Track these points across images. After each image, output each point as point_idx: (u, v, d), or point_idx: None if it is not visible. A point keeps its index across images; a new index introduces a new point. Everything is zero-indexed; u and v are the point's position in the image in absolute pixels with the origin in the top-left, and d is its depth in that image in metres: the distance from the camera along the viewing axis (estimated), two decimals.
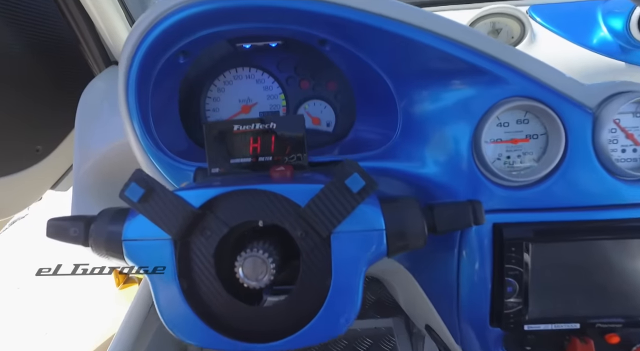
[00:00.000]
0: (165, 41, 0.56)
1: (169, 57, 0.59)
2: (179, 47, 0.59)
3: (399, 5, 0.53)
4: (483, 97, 0.54)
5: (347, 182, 0.42)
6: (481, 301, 0.57)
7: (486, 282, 0.56)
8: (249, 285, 0.43)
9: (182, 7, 0.53)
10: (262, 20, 0.56)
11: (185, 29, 0.56)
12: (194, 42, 0.59)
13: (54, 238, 0.50)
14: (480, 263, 0.56)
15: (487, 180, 0.55)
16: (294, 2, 0.52)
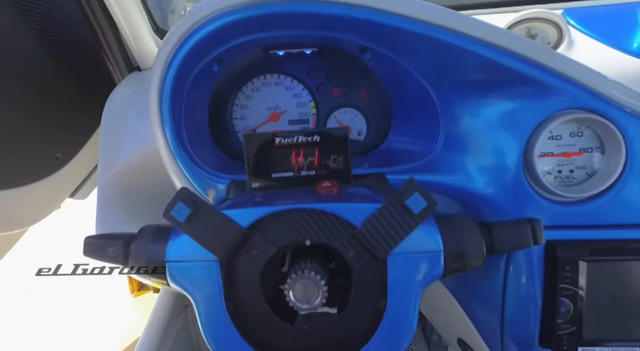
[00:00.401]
0: (201, 49, 0.53)
1: (203, 65, 0.57)
2: (214, 55, 0.56)
3: (445, 12, 0.51)
4: (535, 108, 0.52)
5: (407, 202, 0.40)
6: (529, 319, 0.55)
7: (536, 300, 0.53)
8: (300, 308, 0.41)
9: (221, 15, 0.51)
10: (303, 28, 0.54)
11: (222, 37, 0.54)
12: (229, 50, 0.57)
13: (90, 257, 0.47)
14: (529, 280, 0.53)
15: (538, 196, 0.53)
16: (341, 8, 0.50)
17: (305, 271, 0.41)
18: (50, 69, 0.83)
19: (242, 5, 0.50)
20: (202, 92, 0.63)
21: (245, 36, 0.56)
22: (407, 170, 0.60)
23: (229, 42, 0.56)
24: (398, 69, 0.59)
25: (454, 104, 0.58)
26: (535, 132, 0.52)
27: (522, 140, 0.52)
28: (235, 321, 0.43)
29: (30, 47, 0.76)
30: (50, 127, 0.87)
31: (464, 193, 0.57)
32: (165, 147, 0.56)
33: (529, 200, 0.53)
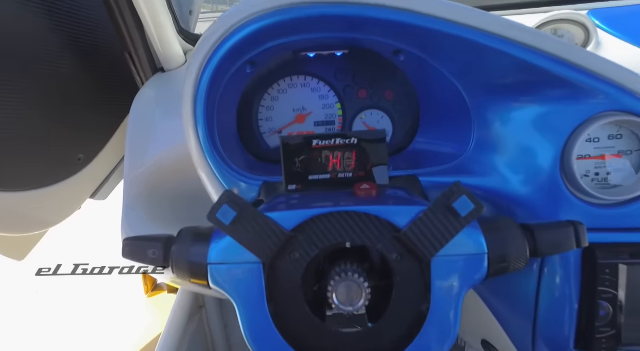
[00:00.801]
0: (236, 52, 0.53)
1: (237, 67, 0.57)
2: (248, 57, 0.56)
3: (480, 14, 0.51)
4: (572, 111, 0.52)
5: (454, 205, 0.39)
6: (564, 322, 0.54)
7: (572, 303, 0.53)
8: (344, 311, 0.41)
9: (257, 18, 0.51)
10: (338, 31, 0.54)
11: (257, 40, 0.54)
12: (263, 52, 0.57)
13: (129, 259, 0.47)
14: (565, 283, 0.53)
15: (575, 198, 0.53)
16: (377, 11, 0.50)
17: (349, 273, 0.41)
18: (74, 70, 0.83)
19: (279, 8, 0.50)
20: (233, 93, 0.63)
21: (280, 39, 0.56)
22: (438, 172, 0.60)
23: (263, 45, 0.56)
24: (430, 70, 0.59)
25: (487, 107, 0.57)
26: (573, 135, 0.51)
27: (559, 144, 0.52)
28: (276, 323, 0.43)
29: (54, 49, 0.76)
30: (74, 128, 0.87)
31: (497, 195, 0.56)
32: (197, 147, 0.56)
33: (566, 203, 0.53)
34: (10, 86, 0.72)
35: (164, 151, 0.71)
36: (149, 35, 0.75)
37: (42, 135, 0.81)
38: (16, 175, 0.77)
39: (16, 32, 0.70)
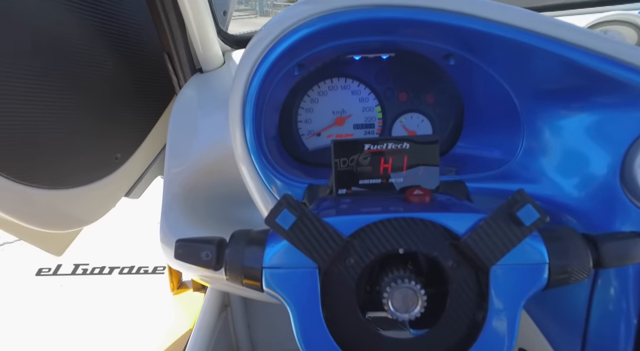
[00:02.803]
0: (287, 55, 0.53)
1: (287, 70, 0.57)
2: (298, 60, 0.56)
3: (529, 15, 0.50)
4: (633, 118, 0.50)
5: (518, 213, 0.38)
6: (619, 337, 0.52)
7: (629, 318, 0.51)
8: (399, 318, 0.41)
9: (310, 22, 0.50)
10: (389, 34, 0.54)
11: (308, 43, 0.54)
12: (312, 55, 0.57)
13: (182, 260, 0.48)
14: (622, 296, 0.51)
15: (636, 207, 0.51)
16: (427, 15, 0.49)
17: (406, 280, 0.41)
18: (114, 71, 0.85)
19: (330, 12, 0.50)
20: (279, 95, 0.64)
21: (330, 42, 0.56)
22: (484, 178, 0.59)
23: (313, 48, 0.56)
24: (480, 74, 0.58)
25: (539, 112, 0.56)
26: (635, 144, 0.50)
27: (619, 152, 0.50)
28: (330, 328, 0.42)
29: (94, 50, 0.78)
30: (112, 128, 0.89)
31: (547, 202, 0.55)
32: (242, 148, 0.56)
33: (625, 212, 0.51)
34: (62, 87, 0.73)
35: (204, 151, 0.71)
36: (190, 36, 0.76)
37: (86, 134, 0.82)
38: (59, 174, 0.78)
39: (64, 35, 0.72)
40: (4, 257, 2.25)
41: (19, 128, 0.68)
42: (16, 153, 0.68)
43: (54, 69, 0.73)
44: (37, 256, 1.97)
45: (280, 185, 0.60)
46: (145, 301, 1.65)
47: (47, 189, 0.77)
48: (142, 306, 1.62)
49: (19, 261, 2.09)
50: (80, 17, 0.74)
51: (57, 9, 0.71)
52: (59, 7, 0.71)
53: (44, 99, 0.71)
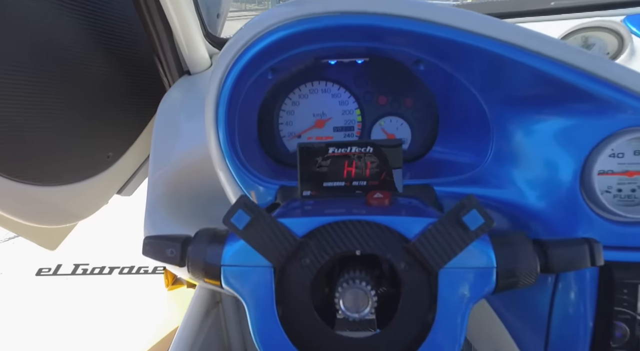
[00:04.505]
0: (259, 59, 0.55)
1: (260, 74, 0.58)
2: (271, 64, 0.58)
3: (502, 25, 0.50)
4: (595, 125, 0.50)
5: (464, 219, 0.39)
6: (577, 340, 0.53)
7: (586, 321, 0.52)
8: (350, 317, 0.42)
9: (281, 27, 0.52)
10: (359, 40, 0.55)
11: (280, 48, 0.55)
12: (285, 60, 0.58)
13: (149, 257, 0.50)
14: (580, 300, 0.52)
15: (594, 214, 0.51)
16: (397, 22, 0.50)
17: (357, 281, 0.42)
18: (106, 72, 0.87)
19: (302, 18, 0.51)
20: (255, 98, 0.65)
21: (302, 47, 0.57)
22: (454, 182, 0.60)
23: (286, 53, 0.57)
24: (451, 81, 0.59)
25: (507, 119, 0.57)
26: (595, 149, 0.50)
27: (580, 158, 0.51)
28: (284, 325, 0.44)
29: (86, 50, 0.80)
30: (104, 127, 0.91)
31: (513, 207, 0.56)
32: (217, 149, 0.58)
33: (584, 219, 0.52)
34: (52, 87, 0.76)
35: (187, 152, 0.73)
36: (176, 39, 0.78)
37: (77, 134, 0.85)
38: (52, 171, 0.81)
39: (56, 35, 0.74)
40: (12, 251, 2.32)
41: (10, 128, 0.70)
42: (9, 151, 0.71)
43: (46, 70, 0.75)
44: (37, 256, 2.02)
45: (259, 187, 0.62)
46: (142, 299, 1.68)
47: (41, 186, 0.79)
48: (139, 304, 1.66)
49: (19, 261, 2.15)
50: (71, 17, 0.76)
51: (49, 9, 0.73)
52: (50, 8, 0.73)
53: (35, 99, 0.74)
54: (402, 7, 0.50)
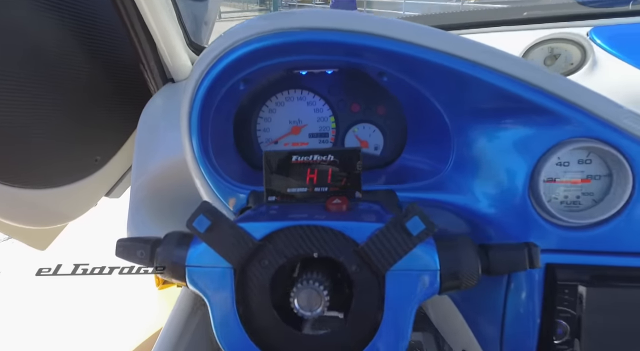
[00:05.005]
0: (230, 70, 0.58)
1: (231, 84, 0.61)
2: (242, 75, 0.61)
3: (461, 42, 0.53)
4: (544, 136, 0.54)
5: (407, 225, 0.43)
6: (527, 337, 0.56)
7: (534, 319, 0.55)
8: (303, 315, 0.45)
9: (250, 41, 0.55)
10: (324, 53, 0.58)
11: (250, 60, 0.58)
12: (256, 71, 0.61)
13: (121, 257, 0.53)
14: (529, 299, 0.55)
15: (542, 219, 0.54)
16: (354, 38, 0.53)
17: (310, 281, 0.45)
18: (94, 78, 0.90)
19: (270, 33, 0.54)
20: (229, 108, 0.68)
21: (272, 60, 0.60)
22: (417, 188, 0.63)
23: (256, 65, 0.60)
24: (414, 92, 0.62)
25: (467, 129, 0.60)
26: (543, 158, 0.53)
27: (529, 166, 0.54)
28: (245, 324, 0.47)
29: (75, 56, 0.83)
30: (92, 132, 0.94)
31: (470, 213, 0.59)
32: (191, 156, 0.62)
33: (533, 224, 0.55)
34: (41, 93, 0.79)
35: (167, 159, 0.76)
36: (158, 48, 0.81)
37: (65, 138, 0.88)
38: (42, 174, 0.84)
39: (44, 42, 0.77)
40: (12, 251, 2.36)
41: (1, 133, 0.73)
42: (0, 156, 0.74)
43: (35, 76, 0.78)
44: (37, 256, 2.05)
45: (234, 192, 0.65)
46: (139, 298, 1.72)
47: (30, 189, 0.83)
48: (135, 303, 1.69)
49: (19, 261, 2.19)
50: (59, 23, 0.79)
51: (37, 16, 0.76)
52: (38, 14, 0.76)
53: (24, 105, 0.77)
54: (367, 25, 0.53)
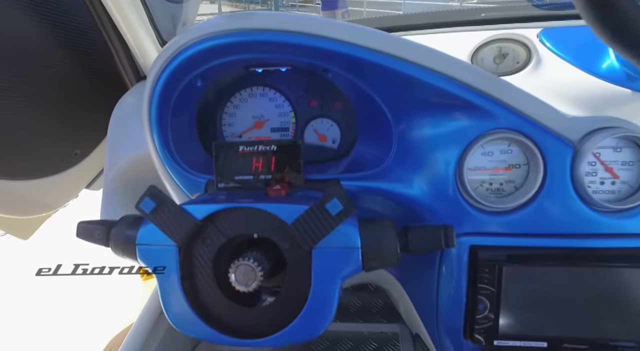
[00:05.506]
0: (185, 67, 0.63)
1: (188, 81, 0.66)
2: (198, 72, 0.66)
3: (396, 42, 0.58)
4: (472, 128, 0.59)
5: (327, 206, 0.47)
6: (457, 315, 0.61)
7: (461, 298, 0.60)
8: (240, 289, 0.50)
9: (200, 41, 0.60)
10: (270, 52, 0.63)
11: (203, 58, 0.63)
12: (211, 68, 0.66)
13: (82, 239, 0.58)
14: (457, 280, 0.60)
15: (468, 205, 0.59)
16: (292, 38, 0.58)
17: (247, 258, 0.50)
18: (73, 76, 0.95)
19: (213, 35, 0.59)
20: (189, 103, 0.73)
21: (225, 57, 0.65)
22: (361, 178, 0.68)
23: (210, 62, 0.65)
24: (355, 88, 0.66)
25: (405, 123, 0.64)
26: (468, 147, 0.58)
27: (457, 156, 0.59)
28: (190, 298, 0.52)
29: (53, 53, 0.87)
30: (71, 127, 0.99)
31: (407, 199, 0.64)
32: (153, 148, 0.67)
33: (461, 209, 0.60)
34: (18, 87, 0.84)
35: (136, 153, 0.81)
36: (130, 47, 0.86)
37: (44, 132, 0.93)
38: (22, 166, 0.89)
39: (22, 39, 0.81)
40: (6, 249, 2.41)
41: None
42: None
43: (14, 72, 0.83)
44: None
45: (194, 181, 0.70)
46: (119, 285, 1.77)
47: (11, 180, 0.88)
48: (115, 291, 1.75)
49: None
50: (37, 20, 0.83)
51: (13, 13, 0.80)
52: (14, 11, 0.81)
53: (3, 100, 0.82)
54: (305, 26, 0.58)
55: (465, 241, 0.59)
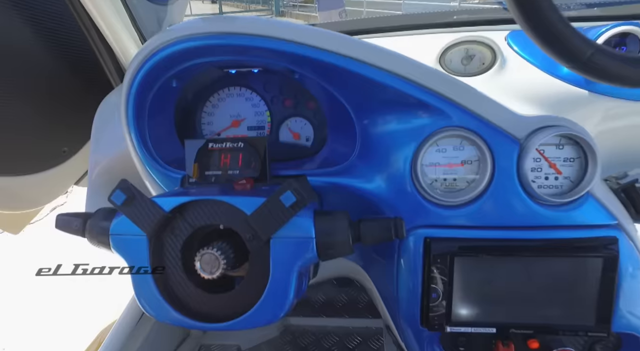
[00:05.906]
0: (160, 68, 0.66)
1: (163, 81, 0.70)
2: (172, 73, 0.69)
3: (355, 44, 0.62)
4: (426, 126, 0.62)
5: (281, 198, 0.51)
6: (414, 304, 0.65)
7: (417, 287, 0.64)
8: (205, 276, 0.53)
9: (174, 43, 0.64)
10: (239, 54, 0.66)
11: (176, 60, 0.67)
12: (185, 69, 0.70)
13: (60, 230, 0.62)
14: (413, 271, 0.64)
15: (423, 199, 0.63)
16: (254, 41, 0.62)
17: (211, 248, 0.53)
18: (61, 77, 0.99)
19: (179, 39, 0.63)
20: (165, 103, 0.77)
21: (197, 59, 0.68)
22: (328, 173, 0.71)
23: (184, 63, 0.69)
24: (320, 88, 0.70)
25: (366, 120, 0.68)
26: (422, 143, 0.62)
27: (411, 153, 0.63)
28: (159, 285, 0.56)
29: (41, 54, 0.91)
30: (60, 125, 1.03)
31: (369, 194, 0.67)
32: (130, 143, 0.71)
33: (417, 204, 0.63)
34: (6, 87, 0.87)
35: (119, 151, 0.85)
36: (112, 48, 0.90)
37: (33, 130, 0.97)
38: (11, 163, 0.93)
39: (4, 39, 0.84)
40: None
41: None
42: None
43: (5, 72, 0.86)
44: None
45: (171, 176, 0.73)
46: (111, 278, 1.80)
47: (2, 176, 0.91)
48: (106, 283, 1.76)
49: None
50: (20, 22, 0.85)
51: None
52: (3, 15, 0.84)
53: None
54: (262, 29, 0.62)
55: (420, 233, 0.62)
